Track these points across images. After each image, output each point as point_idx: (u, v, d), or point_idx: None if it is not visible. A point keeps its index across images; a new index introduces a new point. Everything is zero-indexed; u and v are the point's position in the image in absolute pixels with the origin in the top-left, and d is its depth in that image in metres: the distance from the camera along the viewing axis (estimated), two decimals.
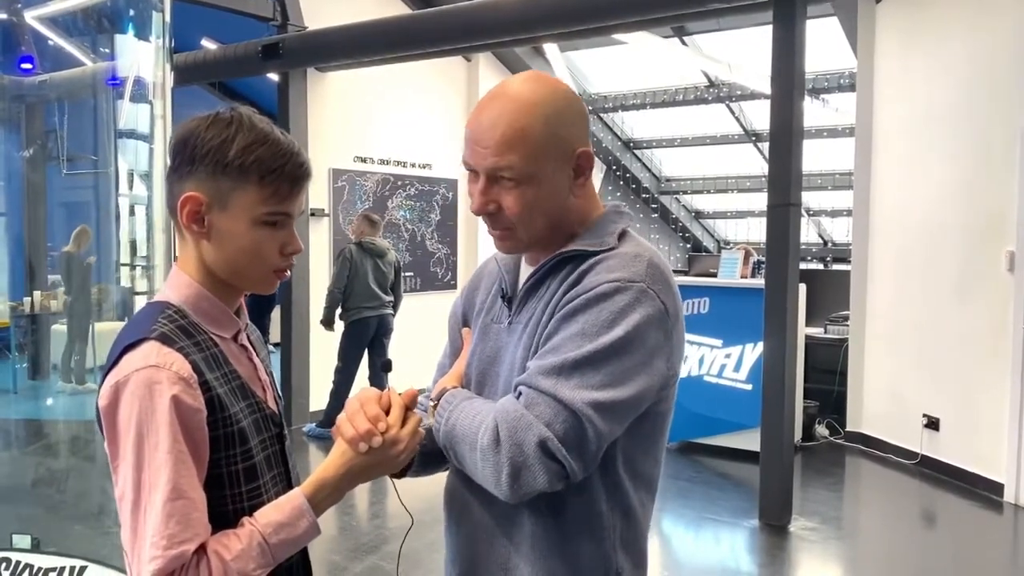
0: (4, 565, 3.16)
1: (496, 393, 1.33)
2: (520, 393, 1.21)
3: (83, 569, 3.16)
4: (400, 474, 1.36)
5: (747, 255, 6.31)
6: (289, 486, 1.28)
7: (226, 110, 1.22)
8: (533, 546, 1.27)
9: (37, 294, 5.53)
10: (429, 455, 1.37)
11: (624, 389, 1.19)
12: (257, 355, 1.35)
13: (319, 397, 6.98)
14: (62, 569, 3.16)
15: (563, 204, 1.29)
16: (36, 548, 3.28)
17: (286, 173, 1.20)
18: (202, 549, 1.12)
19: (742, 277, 6.17)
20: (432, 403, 1.34)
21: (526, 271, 1.38)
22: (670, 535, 4.86)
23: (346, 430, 1.22)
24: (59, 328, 5.87)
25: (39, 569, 3.16)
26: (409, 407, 1.25)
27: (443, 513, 1.43)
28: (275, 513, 1.18)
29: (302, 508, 1.18)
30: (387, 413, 1.23)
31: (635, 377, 1.20)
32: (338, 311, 6.55)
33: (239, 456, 1.20)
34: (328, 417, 6.45)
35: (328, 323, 6.56)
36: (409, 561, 3.96)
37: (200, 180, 1.19)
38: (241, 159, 1.17)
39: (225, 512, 1.18)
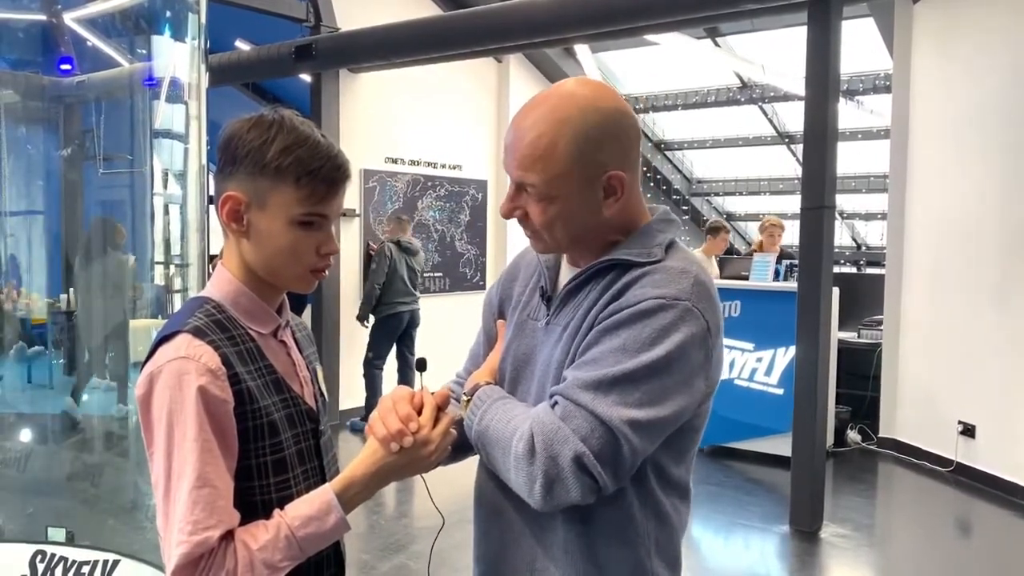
0: (39, 557, 3.21)
1: (529, 392, 1.32)
2: (556, 403, 1.21)
3: (116, 563, 3.20)
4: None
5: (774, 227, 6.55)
6: (323, 481, 1.29)
7: (269, 112, 1.24)
8: (566, 550, 1.27)
9: (73, 291, 5.61)
10: (458, 444, 1.36)
11: (662, 408, 1.18)
12: (301, 352, 1.38)
13: (349, 396, 7.04)
14: (95, 563, 3.20)
15: (590, 221, 1.28)
16: (71, 541, 3.33)
17: (322, 175, 1.22)
18: (230, 537, 1.14)
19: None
20: (466, 397, 1.34)
21: (567, 270, 1.37)
22: (700, 540, 4.82)
23: (378, 429, 1.23)
24: None
25: (73, 562, 3.20)
26: (441, 407, 1.26)
27: (472, 510, 1.42)
28: (304, 507, 1.20)
29: (330, 503, 1.19)
30: (419, 413, 1.24)
31: (674, 396, 1.19)
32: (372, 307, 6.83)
33: (268, 448, 1.22)
34: (368, 410, 6.61)
35: (364, 318, 6.82)
36: (436, 561, 3.96)
37: (240, 180, 1.22)
38: (279, 160, 1.20)
39: (253, 502, 1.20)
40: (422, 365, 1.40)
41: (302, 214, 1.22)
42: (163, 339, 1.20)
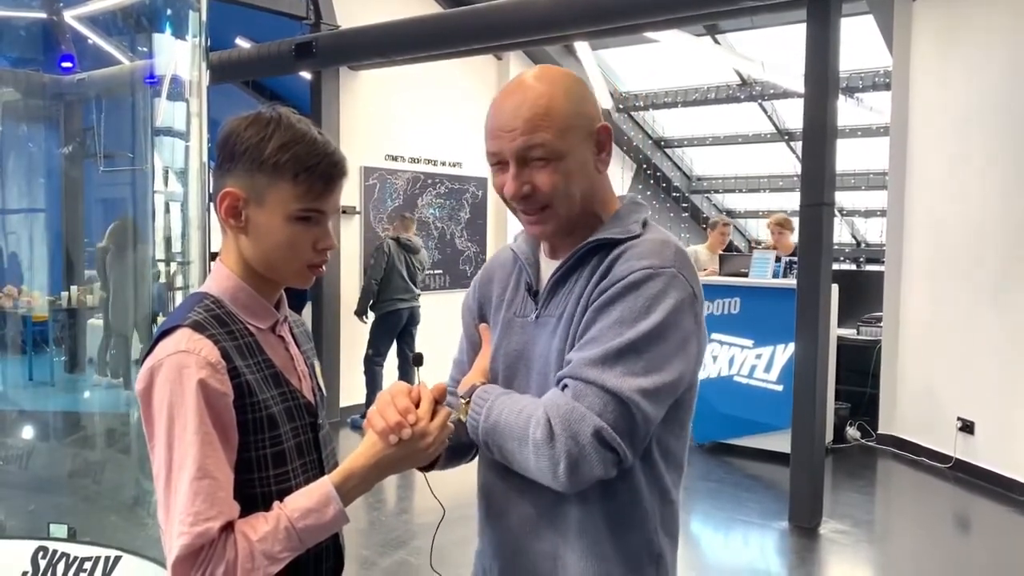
0: (41, 554, 3.22)
1: (528, 387, 1.34)
2: (565, 386, 1.23)
3: (118, 559, 3.21)
4: (428, 467, 1.38)
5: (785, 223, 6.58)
6: (321, 473, 1.30)
7: (267, 110, 1.26)
8: (580, 534, 1.29)
9: (74, 289, 5.63)
10: (454, 448, 1.39)
11: (666, 373, 1.22)
12: (299, 347, 1.40)
13: (348, 392, 7.06)
14: (97, 559, 3.21)
15: (591, 181, 1.33)
16: (72, 538, 3.34)
17: (319, 171, 1.24)
18: (230, 528, 1.16)
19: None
20: (464, 400, 1.35)
21: (546, 264, 1.40)
22: (699, 536, 4.84)
23: (376, 422, 1.24)
24: (95, 322, 5.97)
25: (75, 558, 3.21)
26: (439, 401, 1.27)
27: (477, 509, 1.44)
28: (303, 499, 1.21)
29: (329, 495, 1.20)
30: (417, 406, 1.25)
31: (674, 361, 1.23)
32: (369, 302, 6.86)
33: (268, 441, 1.24)
34: (369, 407, 6.64)
35: (362, 314, 6.85)
36: (436, 557, 3.97)
37: (238, 177, 1.24)
38: (276, 157, 1.22)
39: (253, 495, 1.22)
40: (418, 360, 1.41)
41: (299, 210, 1.24)
42: (163, 334, 1.21)
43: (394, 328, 6.90)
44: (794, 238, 6.77)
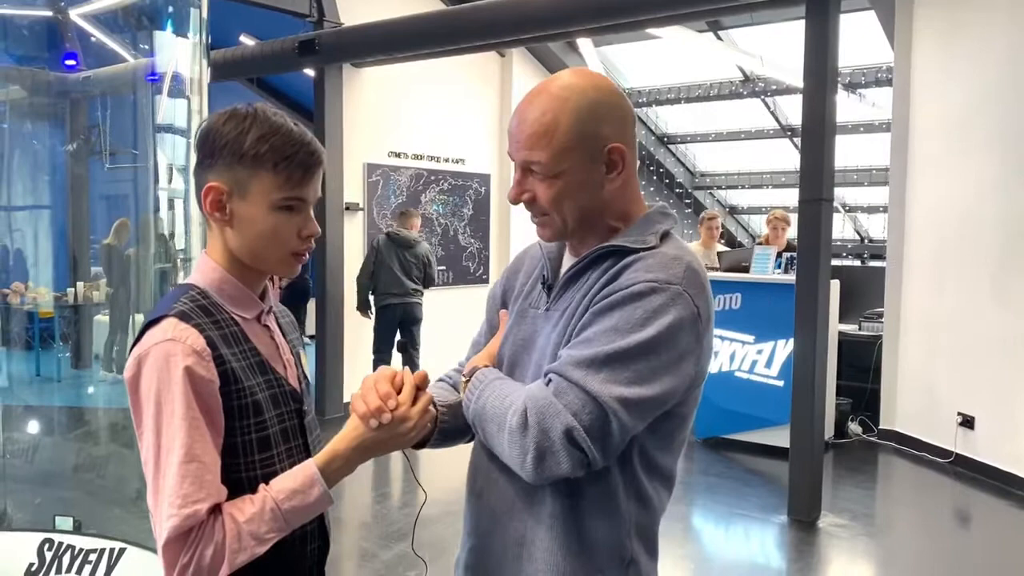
0: (47, 546, 3.26)
1: (527, 376, 1.37)
2: (550, 380, 1.26)
3: (122, 551, 3.25)
4: (419, 445, 1.41)
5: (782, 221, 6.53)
6: (307, 458, 1.33)
7: (243, 105, 1.30)
8: (552, 525, 1.32)
9: (80, 285, 5.67)
10: (450, 430, 1.42)
11: (651, 387, 1.23)
12: (285, 337, 1.43)
13: (352, 388, 7.07)
14: (102, 551, 3.26)
15: (596, 197, 1.33)
16: (77, 530, 3.39)
17: (298, 160, 1.28)
18: (217, 511, 1.19)
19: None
20: (464, 379, 1.40)
21: (568, 260, 1.43)
22: (699, 530, 4.87)
23: (358, 406, 1.28)
24: (101, 319, 6.01)
25: (80, 550, 3.25)
26: (420, 387, 1.31)
27: (465, 487, 1.47)
28: (288, 481, 1.25)
29: (313, 477, 1.24)
30: (400, 392, 1.28)
31: (663, 376, 1.24)
32: (371, 298, 6.86)
33: (253, 427, 1.27)
34: None
35: (362, 309, 6.84)
36: (435, 548, 3.99)
37: (220, 171, 1.28)
38: (255, 149, 1.26)
39: (239, 479, 1.25)
40: (403, 348, 1.45)
41: (282, 199, 1.28)
42: (150, 323, 1.25)
43: (390, 323, 6.78)
44: (791, 234, 6.80)
